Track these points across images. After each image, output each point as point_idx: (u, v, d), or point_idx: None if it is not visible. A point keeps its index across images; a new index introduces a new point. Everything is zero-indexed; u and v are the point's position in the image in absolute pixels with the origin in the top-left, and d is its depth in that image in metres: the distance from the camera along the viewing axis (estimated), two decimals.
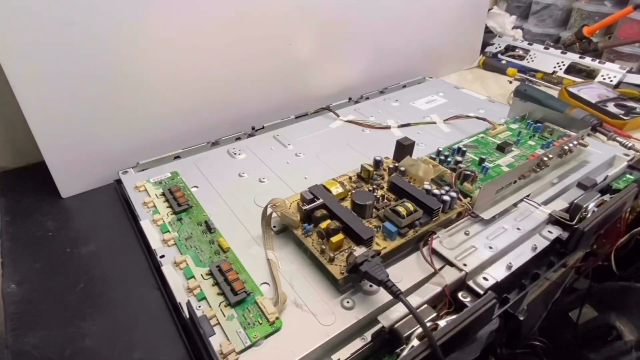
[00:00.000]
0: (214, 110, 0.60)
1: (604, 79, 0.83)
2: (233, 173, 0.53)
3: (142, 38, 0.50)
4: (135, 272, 0.41)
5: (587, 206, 0.44)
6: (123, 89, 0.51)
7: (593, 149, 0.54)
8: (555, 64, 0.90)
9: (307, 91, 0.70)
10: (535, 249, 0.41)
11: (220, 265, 0.37)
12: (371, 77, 0.77)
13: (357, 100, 0.73)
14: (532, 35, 1.24)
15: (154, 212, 0.45)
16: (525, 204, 0.46)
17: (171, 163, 0.55)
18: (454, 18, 0.85)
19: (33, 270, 0.41)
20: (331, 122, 0.65)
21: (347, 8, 0.67)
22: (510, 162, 0.51)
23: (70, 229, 0.47)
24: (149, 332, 0.36)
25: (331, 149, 0.58)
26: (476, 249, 0.40)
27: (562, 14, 1.25)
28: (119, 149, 0.54)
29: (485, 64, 0.94)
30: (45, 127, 0.48)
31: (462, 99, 0.73)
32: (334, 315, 0.34)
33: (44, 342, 0.34)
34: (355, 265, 0.33)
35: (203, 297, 0.35)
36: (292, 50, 0.64)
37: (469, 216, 0.43)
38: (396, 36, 0.77)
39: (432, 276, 0.37)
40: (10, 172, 0.57)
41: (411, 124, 0.64)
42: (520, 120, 0.60)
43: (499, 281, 0.37)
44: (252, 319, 0.33)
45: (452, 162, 0.49)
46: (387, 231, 0.38)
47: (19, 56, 0.44)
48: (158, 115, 0.56)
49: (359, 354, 0.32)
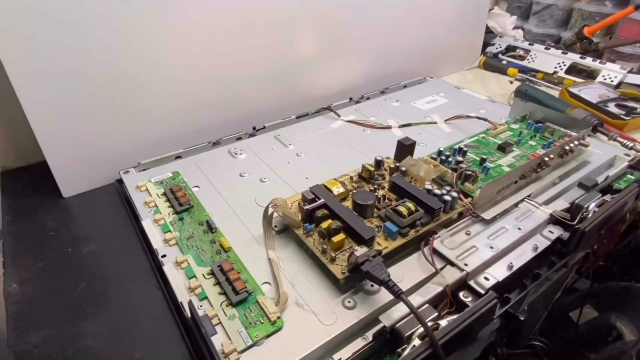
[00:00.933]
0: (215, 110, 0.60)
1: (605, 79, 0.83)
2: (234, 173, 0.53)
3: (143, 38, 0.51)
4: (137, 272, 0.41)
5: (588, 206, 0.44)
6: (125, 89, 0.51)
7: (594, 149, 0.54)
8: (556, 64, 0.90)
9: (308, 91, 0.70)
10: (536, 249, 0.41)
11: (222, 264, 0.37)
12: (372, 77, 0.77)
13: (358, 100, 0.73)
14: (533, 36, 1.24)
15: (155, 211, 0.45)
16: (526, 204, 0.46)
17: (172, 163, 0.55)
18: (454, 18, 0.85)
19: (34, 270, 0.41)
20: (332, 122, 0.65)
21: (348, 8, 0.67)
22: (511, 162, 0.51)
23: (71, 228, 0.47)
24: (150, 331, 0.36)
25: (332, 148, 0.58)
26: (477, 248, 0.40)
27: (562, 14, 1.25)
28: (120, 149, 0.54)
29: (486, 64, 0.94)
30: (46, 126, 0.48)
31: (463, 99, 0.73)
32: (335, 314, 0.34)
33: (46, 342, 0.35)
34: (357, 265, 0.33)
35: (204, 297, 0.35)
36: (293, 51, 0.64)
37: (470, 216, 0.43)
38: (397, 36, 0.77)
39: (433, 276, 0.37)
40: (12, 172, 0.57)
41: (412, 124, 0.64)
42: (521, 120, 0.60)
43: (500, 281, 0.37)
44: (254, 319, 0.34)
45: (453, 162, 0.49)
46: (388, 231, 0.38)
47: (21, 56, 0.44)
48: (159, 115, 0.56)
49: (360, 354, 0.32)
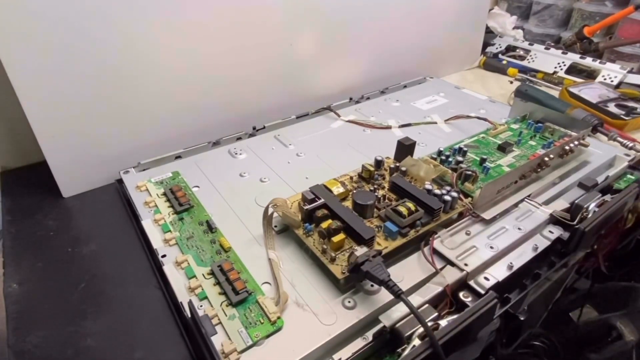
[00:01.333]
0: (215, 110, 0.60)
1: (605, 79, 0.83)
2: (234, 173, 0.53)
3: (143, 39, 0.51)
4: (137, 272, 0.41)
5: (588, 206, 0.44)
6: (125, 89, 0.51)
7: (594, 149, 0.54)
8: (556, 64, 0.90)
9: (308, 91, 0.70)
10: (536, 249, 0.41)
11: (222, 264, 0.37)
12: (372, 77, 0.77)
13: (358, 100, 0.73)
14: (533, 36, 1.24)
15: (155, 211, 0.45)
16: (526, 204, 0.46)
17: (172, 163, 0.55)
18: (454, 18, 0.85)
19: (34, 270, 0.41)
20: (332, 122, 0.65)
21: (348, 8, 0.67)
22: (511, 162, 0.51)
23: (71, 228, 0.47)
24: (150, 331, 0.36)
25: (332, 148, 0.58)
26: (477, 248, 0.40)
27: (562, 14, 1.25)
28: (120, 149, 0.54)
29: (486, 64, 0.94)
30: (46, 126, 0.48)
31: (462, 99, 0.73)
32: (335, 314, 0.34)
33: (46, 342, 0.35)
34: (357, 265, 0.33)
35: (204, 297, 0.35)
36: (293, 51, 0.64)
37: (470, 216, 0.43)
38: (397, 36, 0.77)
39: (433, 276, 0.37)
40: (12, 172, 0.57)
41: (412, 124, 0.64)
42: (521, 120, 0.60)
43: (500, 281, 0.37)
44: (254, 319, 0.34)
45: (453, 162, 0.49)
46: (388, 231, 0.38)
47: (21, 56, 0.44)
48: (159, 115, 0.56)
49: (360, 354, 0.32)
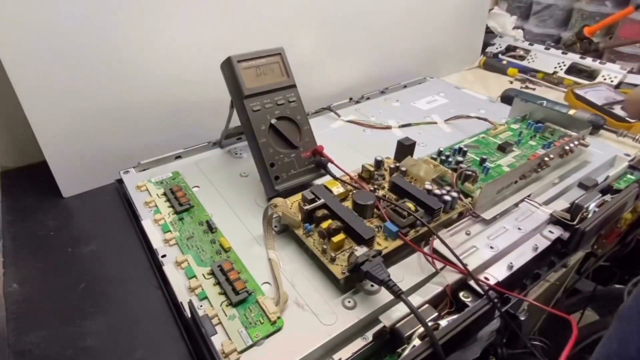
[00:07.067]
0: (215, 110, 0.60)
1: (605, 79, 0.83)
2: (234, 173, 0.53)
3: (144, 39, 0.51)
4: (137, 272, 0.41)
5: (588, 206, 0.44)
6: (125, 89, 0.51)
7: (594, 149, 0.54)
8: (556, 64, 0.90)
9: (308, 91, 0.69)
10: (536, 249, 0.41)
11: (222, 264, 0.37)
12: (372, 77, 0.77)
13: (358, 101, 0.73)
14: (533, 36, 1.24)
15: (155, 211, 0.45)
16: (526, 204, 0.46)
17: (172, 163, 0.55)
18: (454, 18, 0.85)
19: (34, 270, 0.41)
20: (332, 122, 0.65)
21: (348, 8, 0.67)
22: (511, 162, 0.51)
23: (71, 228, 0.47)
24: (150, 331, 0.36)
25: (332, 149, 0.58)
26: (477, 249, 0.40)
27: (562, 14, 1.25)
28: (121, 149, 0.54)
29: (486, 64, 0.94)
30: (46, 126, 0.48)
31: (463, 99, 0.73)
32: (335, 315, 0.34)
33: (46, 342, 0.35)
34: (357, 265, 0.33)
35: (204, 297, 0.35)
36: (293, 51, 0.64)
37: (470, 216, 0.43)
38: (397, 36, 0.77)
39: (433, 276, 0.37)
40: (12, 172, 0.57)
41: (412, 124, 0.64)
42: (521, 120, 0.60)
43: (500, 281, 0.37)
44: (254, 319, 0.34)
45: (453, 162, 0.49)
46: (388, 231, 0.38)
47: (21, 56, 0.44)
48: (159, 115, 0.56)
49: (360, 354, 0.32)
